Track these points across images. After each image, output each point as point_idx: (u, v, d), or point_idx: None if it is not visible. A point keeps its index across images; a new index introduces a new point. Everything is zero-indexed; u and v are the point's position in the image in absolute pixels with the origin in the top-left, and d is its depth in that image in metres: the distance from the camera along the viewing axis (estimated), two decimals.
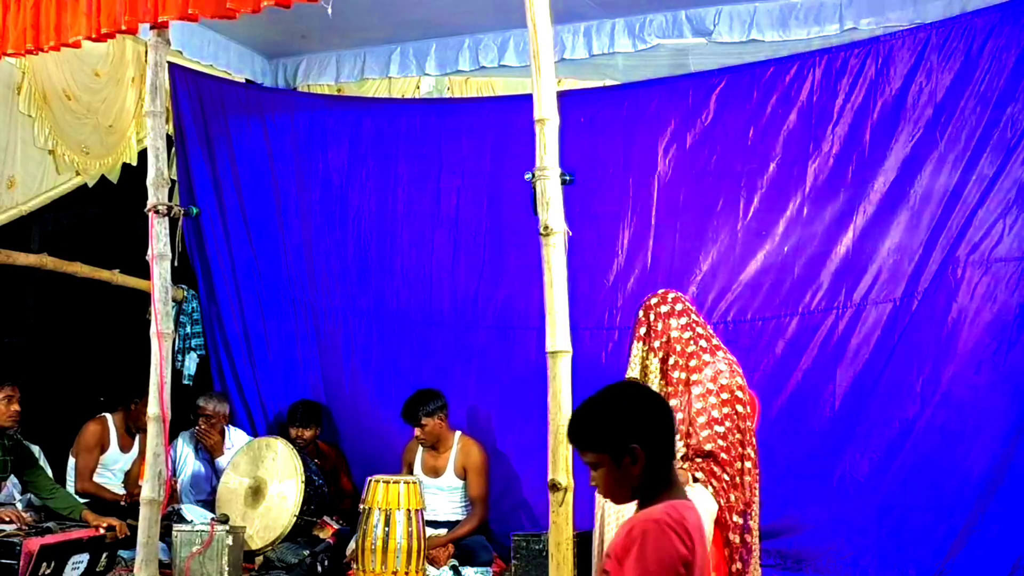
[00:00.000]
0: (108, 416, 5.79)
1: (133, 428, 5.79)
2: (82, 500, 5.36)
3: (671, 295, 4.44)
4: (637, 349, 4.35)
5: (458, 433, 5.61)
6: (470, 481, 5.49)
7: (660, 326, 4.33)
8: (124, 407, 5.77)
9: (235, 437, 5.98)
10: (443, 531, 5.34)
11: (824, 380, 5.14)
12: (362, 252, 6.29)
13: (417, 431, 5.49)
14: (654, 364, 4.30)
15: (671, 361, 4.28)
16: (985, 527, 4.71)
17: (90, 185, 5.99)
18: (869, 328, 5.07)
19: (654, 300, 4.42)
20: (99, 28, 4.36)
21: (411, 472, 5.52)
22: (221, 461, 5.80)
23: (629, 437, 2.18)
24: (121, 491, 5.71)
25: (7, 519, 4.82)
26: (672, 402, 4.24)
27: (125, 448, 5.81)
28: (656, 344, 4.31)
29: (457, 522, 5.44)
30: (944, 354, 4.90)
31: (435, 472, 5.53)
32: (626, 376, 4.35)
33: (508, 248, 5.83)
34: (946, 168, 4.98)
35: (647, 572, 1.92)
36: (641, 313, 4.41)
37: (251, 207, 6.50)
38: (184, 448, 5.95)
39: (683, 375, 4.26)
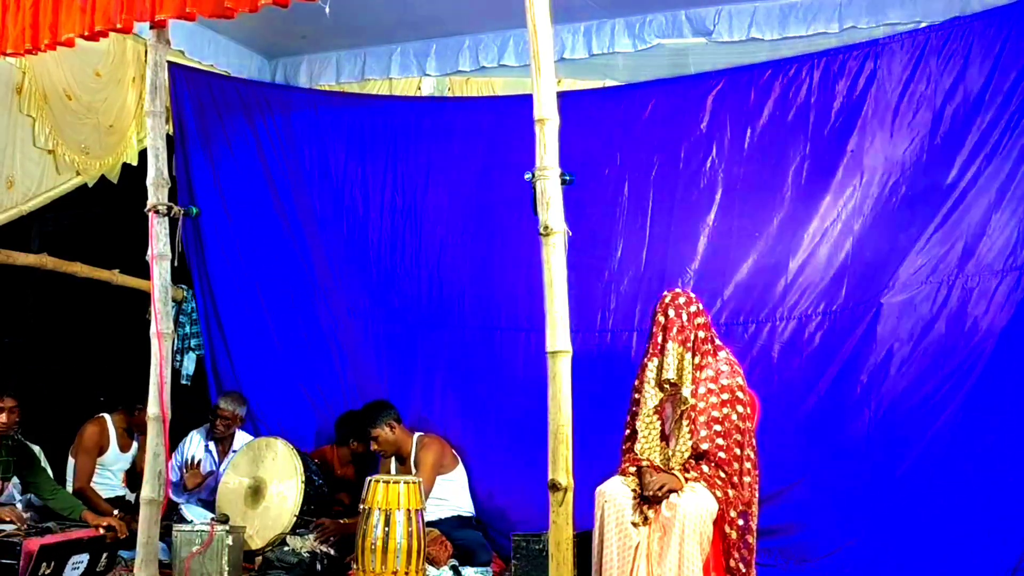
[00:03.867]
0: (107, 417, 5.79)
1: (134, 431, 5.81)
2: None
3: (691, 294, 4.44)
4: (674, 348, 4.27)
5: (416, 435, 5.62)
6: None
7: (690, 325, 4.33)
8: (126, 411, 5.78)
9: (241, 441, 5.97)
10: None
11: (823, 382, 5.13)
12: (361, 251, 6.28)
13: (373, 446, 5.53)
14: (688, 363, 4.27)
15: (696, 361, 4.29)
16: (985, 529, 4.71)
17: (90, 185, 5.99)
18: (866, 330, 5.05)
19: (682, 299, 4.37)
20: (92, 26, 4.34)
21: None
22: (224, 463, 5.82)
23: None
24: (119, 492, 5.74)
25: (7, 519, 4.82)
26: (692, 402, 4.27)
27: (124, 448, 5.83)
28: (689, 344, 4.30)
29: (444, 519, 5.43)
30: (945, 356, 4.89)
31: None
32: (662, 378, 4.29)
33: (507, 248, 5.80)
34: (944, 171, 4.97)
35: None
36: (672, 312, 4.33)
37: (251, 206, 6.49)
38: (198, 443, 5.95)
39: (695, 374, 4.27)
